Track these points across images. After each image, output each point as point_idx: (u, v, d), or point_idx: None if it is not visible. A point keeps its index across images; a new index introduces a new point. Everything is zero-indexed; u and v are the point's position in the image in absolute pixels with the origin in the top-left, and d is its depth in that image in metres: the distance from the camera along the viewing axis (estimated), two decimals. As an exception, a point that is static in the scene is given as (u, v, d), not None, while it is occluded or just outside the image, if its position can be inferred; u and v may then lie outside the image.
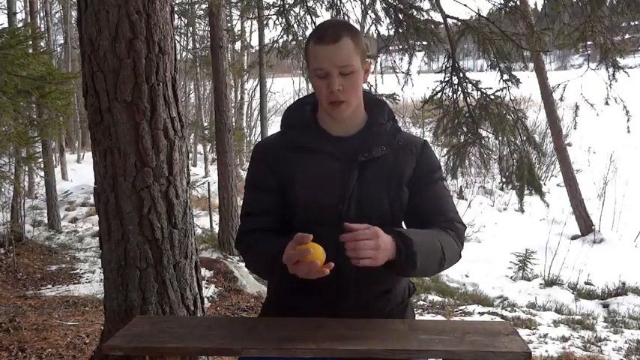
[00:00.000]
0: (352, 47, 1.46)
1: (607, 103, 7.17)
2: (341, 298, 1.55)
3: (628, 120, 7.39)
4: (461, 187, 13.78)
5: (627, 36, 7.96)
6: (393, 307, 1.62)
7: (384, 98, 4.68)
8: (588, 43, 5.91)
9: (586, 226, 10.82)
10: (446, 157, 5.66)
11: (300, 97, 1.73)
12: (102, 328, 2.75)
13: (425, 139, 1.71)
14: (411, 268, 1.40)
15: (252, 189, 1.62)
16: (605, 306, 6.76)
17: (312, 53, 1.48)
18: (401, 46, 5.79)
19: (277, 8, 6.08)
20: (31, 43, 4.85)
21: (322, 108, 1.56)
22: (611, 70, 6.03)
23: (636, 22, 6.98)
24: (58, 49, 17.25)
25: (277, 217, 1.55)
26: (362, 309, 1.56)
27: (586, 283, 7.87)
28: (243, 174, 14.92)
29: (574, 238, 10.60)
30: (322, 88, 1.48)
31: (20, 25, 9.46)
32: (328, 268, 1.33)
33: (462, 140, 5.37)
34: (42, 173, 9.46)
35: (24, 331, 3.61)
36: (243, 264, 6.90)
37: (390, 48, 5.89)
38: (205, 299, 2.97)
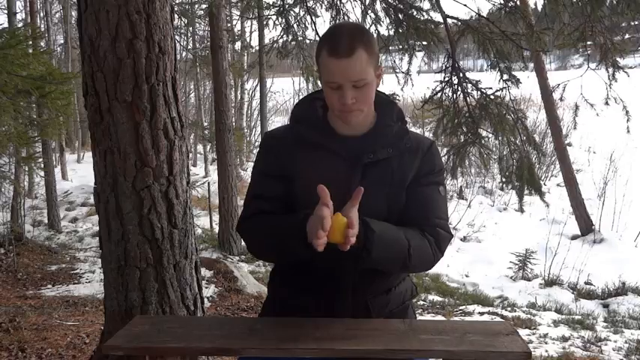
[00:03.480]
0: (366, 59, 1.42)
1: (607, 103, 7.17)
2: (338, 298, 1.55)
3: (628, 120, 7.38)
4: (461, 187, 13.77)
5: (627, 36, 7.95)
6: (392, 308, 1.61)
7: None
8: (588, 43, 5.90)
9: (586, 226, 10.82)
10: (446, 157, 5.65)
11: (311, 92, 1.70)
12: (102, 328, 2.75)
13: (433, 139, 1.69)
14: (366, 258, 1.39)
15: (258, 174, 1.60)
16: (605, 306, 6.77)
17: (324, 64, 1.44)
18: (401, 46, 5.79)
19: (277, 8, 6.09)
20: (31, 43, 4.85)
21: (332, 111, 1.54)
22: (611, 70, 6.02)
23: (636, 22, 6.97)
24: (58, 49, 17.22)
25: (282, 204, 1.53)
26: (360, 309, 1.56)
27: (586, 283, 7.88)
28: (243, 174, 14.94)
29: (574, 238, 10.61)
30: (334, 98, 1.46)
31: (20, 25, 9.47)
32: (320, 244, 1.29)
33: (462, 140, 5.37)
34: (42, 173, 9.43)
35: (24, 331, 3.61)
36: (243, 264, 6.90)
37: (390, 48, 5.90)
38: (205, 299, 2.97)
